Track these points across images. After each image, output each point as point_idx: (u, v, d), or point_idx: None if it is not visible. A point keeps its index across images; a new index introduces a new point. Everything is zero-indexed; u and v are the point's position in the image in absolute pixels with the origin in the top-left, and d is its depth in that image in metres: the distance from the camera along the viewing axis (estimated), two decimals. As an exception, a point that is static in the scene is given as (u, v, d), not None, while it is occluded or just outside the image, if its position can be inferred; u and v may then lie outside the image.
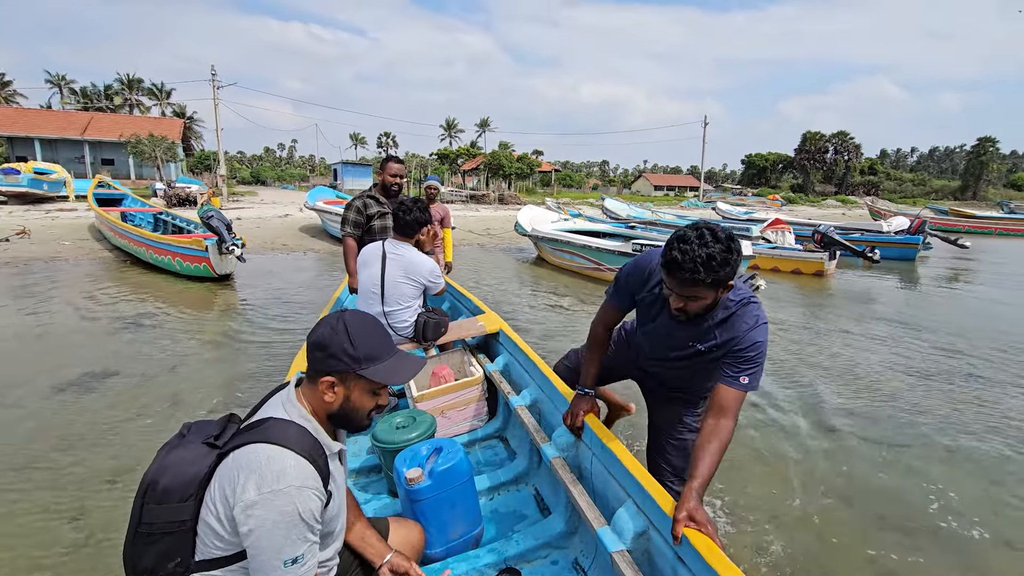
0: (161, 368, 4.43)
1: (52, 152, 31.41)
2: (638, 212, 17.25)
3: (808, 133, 61.34)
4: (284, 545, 1.04)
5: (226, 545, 1.09)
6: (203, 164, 39.87)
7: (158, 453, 1.16)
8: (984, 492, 2.85)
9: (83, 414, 3.50)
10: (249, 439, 1.09)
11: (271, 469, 1.05)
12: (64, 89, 53.70)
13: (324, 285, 8.26)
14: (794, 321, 6.75)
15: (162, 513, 1.09)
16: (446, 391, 2.68)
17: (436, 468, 1.82)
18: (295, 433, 1.11)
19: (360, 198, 3.65)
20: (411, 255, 2.87)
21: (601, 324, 1.90)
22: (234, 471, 1.07)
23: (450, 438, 2.08)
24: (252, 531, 1.03)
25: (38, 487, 2.66)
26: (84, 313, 6.13)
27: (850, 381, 4.49)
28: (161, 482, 1.10)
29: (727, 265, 1.38)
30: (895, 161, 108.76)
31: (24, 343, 5.02)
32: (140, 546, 1.10)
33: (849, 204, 44.17)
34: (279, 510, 1.03)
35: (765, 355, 1.51)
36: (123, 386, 4.01)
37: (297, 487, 1.05)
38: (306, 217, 15.79)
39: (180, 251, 7.88)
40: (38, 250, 10.13)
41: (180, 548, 1.10)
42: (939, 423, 3.66)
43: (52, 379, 4.08)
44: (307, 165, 78.13)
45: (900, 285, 9.76)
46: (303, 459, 1.08)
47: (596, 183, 72.89)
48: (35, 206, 16.01)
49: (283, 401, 1.18)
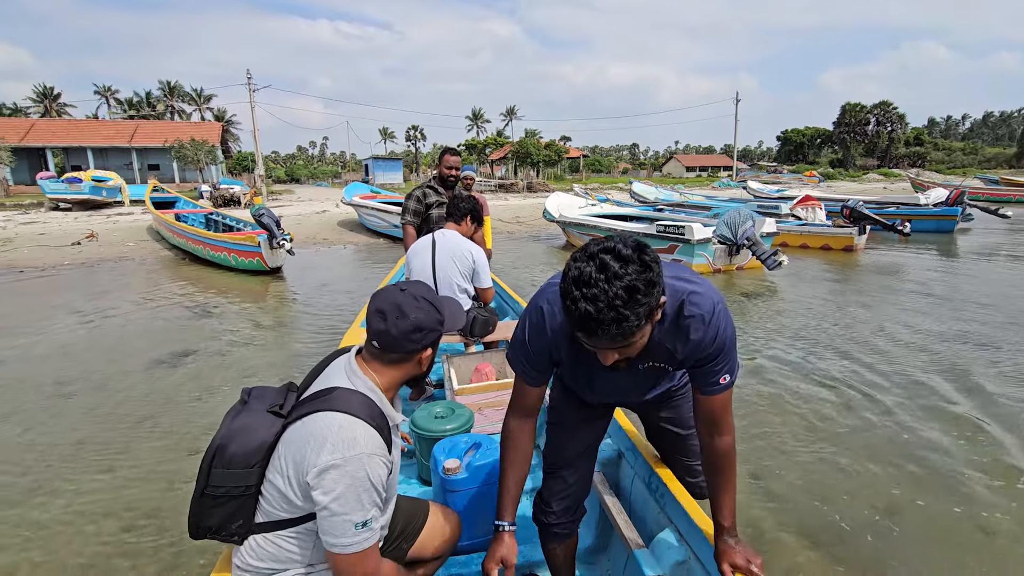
0: (231, 347, 5.02)
1: (103, 160, 33.18)
2: (666, 195, 17.28)
3: (848, 105, 58.93)
4: (355, 509, 1.07)
5: (293, 509, 1.14)
6: (241, 165, 41.51)
7: (224, 419, 1.21)
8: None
9: (174, 385, 4.09)
10: (318, 407, 1.13)
11: (343, 436, 1.08)
12: (111, 99, 56.61)
13: (364, 275, 8.85)
14: (816, 295, 6.90)
15: (228, 477, 1.14)
16: (486, 388, 2.72)
17: (473, 462, 1.84)
18: (363, 403, 1.15)
19: (420, 188, 3.80)
20: (458, 240, 2.96)
21: (518, 416, 1.41)
22: (306, 438, 1.10)
23: (488, 435, 2.05)
24: (325, 495, 1.05)
25: (150, 439, 3.22)
26: (159, 303, 6.86)
27: (865, 351, 4.70)
28: (229, 448, 1.14)
29: (652, 286, 0.98)
30: (945, 130, 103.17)
31: (116, 329, 5.71)
32: (206, 507, 1.15)
33: (892, 178, 42.46)
34: (352, 475, 1.06)
35: (734, 338, 1.23)
36: (203, 363, 4.60)
37: (368, 454, 1.08)
38: (343, 212, 16.49)
39: (235, 247, 8.59)
40: (107, 251, 11.09)
41: (243, 511, 1.16)
42: (929, 387, 3.87)
43: (146, 358, 4.73)
44: (338, 161, 79.89)
45: (931, 258, 9.64)
46: (371, 427, 1.12)
47: (626, 167, 72.02)
48: (96, 211, 17.26)
49: (347, 372, 1.21)
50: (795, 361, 4.42)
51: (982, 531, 2.32)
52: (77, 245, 11.42)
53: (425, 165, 51.14)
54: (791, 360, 4.44)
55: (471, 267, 2.93)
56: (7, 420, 3.57)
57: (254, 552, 1.17)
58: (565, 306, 1.01)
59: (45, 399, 3.90)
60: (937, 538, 2.29)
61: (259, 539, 1.17)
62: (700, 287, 1.21)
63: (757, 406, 3.59)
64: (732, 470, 1.31)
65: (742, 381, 3.98)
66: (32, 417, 3.61)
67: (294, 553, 1.17)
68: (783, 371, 4.20)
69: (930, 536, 2.31)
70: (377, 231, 13.59)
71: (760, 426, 3.31)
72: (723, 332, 1.20)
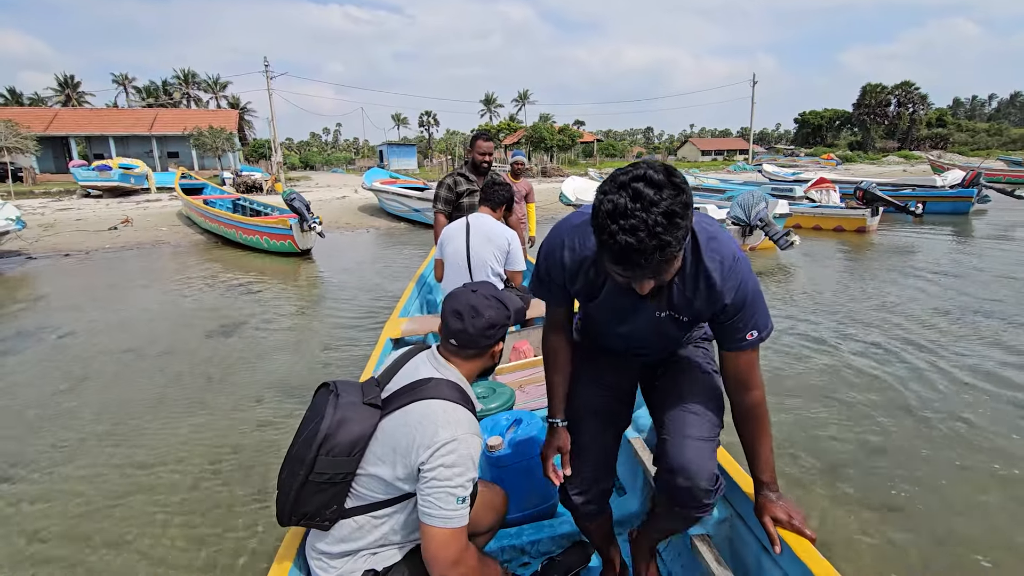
0: (276, 319, 5.47)
1: (124, 148, 33.73)
2: (680, 178, 17.39)
3: (868, 86, 57.65)
4: (459, 485, 1.14)
5: (391, 491, 1.22)
6: (258, 152, 42.07)
7: (327, 408, 1.23)
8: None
9: (233, 353, 4.52)
10: (418, 396, 1.22)
11: (450, 419, 1.17)
12: (128, 88, 57.46)
13: (388, 257, 9.25)
14: (826, 273, 7.14)
15: (333, 464, 1.19)
16: (525, 366, 2.75)
17: (516, 438, 1.89)
18: (457, 390, 1.25)
19: (451, 176, 3.72)
20: (492, 223, 2.99)
21: (552, 330, 1.47)
22: (415, 424, 1.17)
23: (529, 411, 2.08)
24: (436, 468, 1.13)
25: (221, 394, 3.65)
26: (205, 282, 7.35)
27: (867, 322, 4.98)
28: (336, 436, 1.20)
29: (687, 208, 0.95)
30: (970, 110, 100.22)
31: (168, 306, 6.18)
32: (308, 494, 1.20)
33: (912, 160, 41.75)
34: (459, 453, 1.14)
35: (758, 291, 1.19)
36: (253, 332, 5.04)
37: (472, 434, 1.18)
38: (362, 198, 16.89)
39: (267, 230, 9.03)
40: (142, 236, 11.62)
41: (339, 497, 1.23)
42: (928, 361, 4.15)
43: (202, 329, 5.20)
44: (352, 148, 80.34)
45: (943, 238, 9.77)
46: (468, 411, 1.23)
47: (640, 151, 71.45)
48: (125, 198, 17.87)
49: (434, 365, 1.31)
50: (805, 331, 4.72)
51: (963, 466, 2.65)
52: (114, 230, 11.98)
53: (438, 151, 51.35)
54: (801, 331, 4.74)
55: (506, 251, 2.96)
56: (89, 379, 4.02)
57: (335, 535, 1.24)
58: (602, 241, 0.96)
59: (119, 364, 4.36)
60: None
61: (343, 523, 1.24)
62: (720, 235, 1.18)
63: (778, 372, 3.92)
64: (764, 425, 1.28)
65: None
66: (112, 377, 4.07)
67: (373, 534, 1.25)
68: (795, 340, 4.51)
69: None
70: (398, 215, 13.98)
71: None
72: (745, 283, 1.16)
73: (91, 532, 2.33)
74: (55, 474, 2.78)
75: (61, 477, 2.75)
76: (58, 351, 4.69)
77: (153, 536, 2.30)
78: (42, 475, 2.77)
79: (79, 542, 2.27)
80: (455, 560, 1.15)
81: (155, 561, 2.14)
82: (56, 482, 2.71)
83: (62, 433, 3.20)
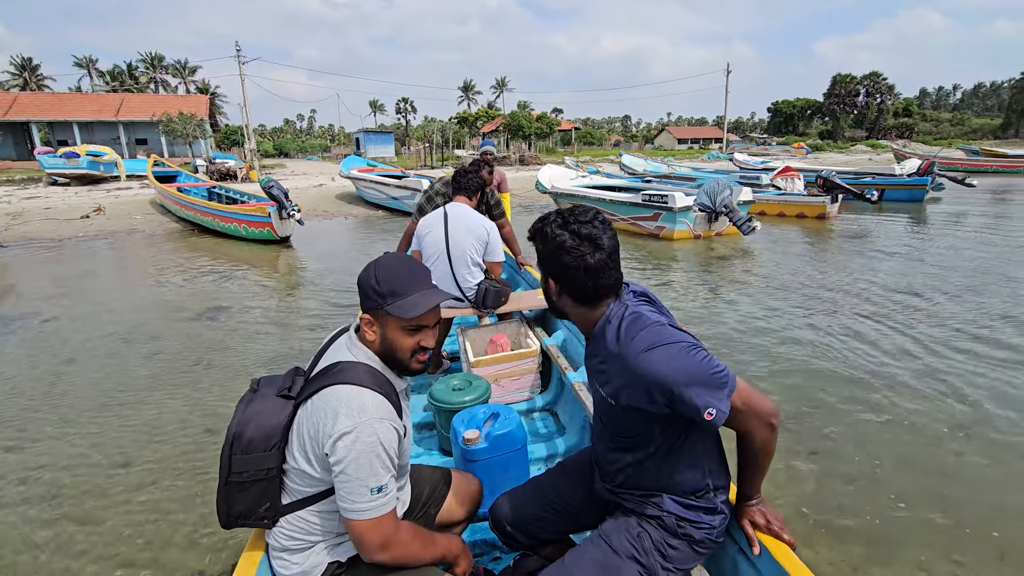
0: (257, 305, 5.63)
1: (89, 134, 32.54)
2: (654, 167, 17.79)
3: (838, 76, 59.00)
4: (369, 474, 1.10)
5: (314, 483, 1.19)
6: (230, 139, 41.14)
7: (237, 408, 1.24)
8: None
9: (218, 335, 4.69)
10: (325, 383, 1.16)
11: (352, 404, 1.11)
12: (92, 71, 55.36)
13: (367, 243, 9.39)
14: (785, 255, 7.57)
15: (250, 462, 1.18)
16: (502, 359, 2.75)
17: (493, 432, 1.87)
18: (366, 372, 1.18)
19: (437, 192, 3.64)
20: (471, 213, 2.98)
21: None
22: (319, 412, 1.13)
23: (505, 405, 2.10)
24: (340, 461, 1.09)
25: (209, 373, 3.84)
26: (186, 269, 7.42)
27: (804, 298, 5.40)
28: (246, 434, 1.18)
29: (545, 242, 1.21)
30: (936, 100, 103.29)
31: (150, 292, 6.27)
32: (232, 494, 1.20)
33: (878, 149, 43.04)
34: (364, 441, 1.09)
35: (695, 373, 1.07)
36: (237, 317, 5.20)
37: (378, 419, 1.12)
38: (339, 186, 16.86)
39: (246, 218, 9.08)
40: (116, 224, 11.50)
41: (269, 494, 1.20)
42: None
43: (186, 314, 5.32)
44: (327, 135, 79.00)
45: (896, 224, 10.33)
46: (379, 394, 1.15)
47: (618, 139, 71.92)
48: (94, 186, 17.47)
49: (348, 345, 1.25)
50: (759, 306, 5.09)
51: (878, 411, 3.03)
52: (86, 218, 11.82)
53: (416, 138, 50.93)
54: (754, 307, 5.11)
55: (486, 241, 2.95)
56: (76, 362, 4.16)
57: (285, 532, 1.23)
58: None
59: (108, 346, 4.49)
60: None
61: (289, 519, 1.22)
62: (654, 320, 1.15)
63: (736, 342, 4.27)
64: (768, 459, 1.20)
65: (714, 332, 4.64)
66: (103, 358, 4.21)
67: (322, 526, 1.23)
68: (744, 314, 4.88)
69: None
70: (376, 203, 14.05)
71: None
72: (663, 368, 1.06)
73: (86, 502, 2.54)
74: (54, 444, 2.96)
75: (60, 447, 2.94)
76: (44, 335, 4.79)
77: (134, 511, 2.51)
78: (41, 446, 2.96)
79: (71, 513, 2.48)
80: (380, 545, 1.14)
81: (130, 540, 2.25)
82: (55, 451, 2.90)
83: (60, 407, 3.37)
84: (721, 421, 1.09)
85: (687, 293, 5.88)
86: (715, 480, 1.26)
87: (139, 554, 2.16)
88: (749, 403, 1.11)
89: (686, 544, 1.24)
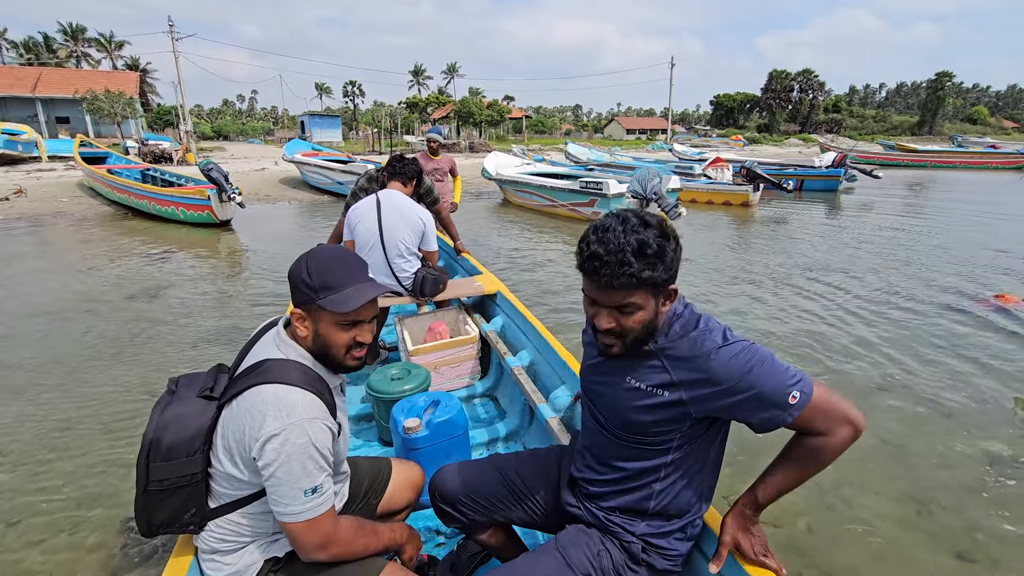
0: (199, 282, 5.71)
1: (2, 111, 30.00)
2: (597, 156, 18.45)
3: (774, 72, 62.03)
4: (302, 476, 1.05)
5: (243, 487, 1.13)
6: (163, 120, 38.92)
7: (152, 412, 1.16)
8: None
9: (157, 313, 4.77)
10: (252, 382, 1.09)
11: (280, 405, 1.05)
12: (2, 41, 50.69)
13: (311, 227, 9.44)
14: (711, 239, 8.27)
15: (171, 469, 1.11)
16: (441, 347, 2.73)
17: (433, 419, 1.86)
18: (296, 369, 1.12)
19: (358, 186, 3.51)
20: (405, 201, 2.92)
21: None
22: (244, 414, 1.07)
23: (446, 392, 2.07)
24: (270, 465, 1.04)
25: (149, 345, 3.98)
26: (122, 251, 7.30)
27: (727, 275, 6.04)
28: (164, 440, 1.11)
29: (664, 256, 1.00)
30: (864, 97, 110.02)
31: (83, 274, 6.17)
32: (153, 502, 1.13)
33: (809, 143, 45.75)
34: (293, 443, 1.04)
35: (770, 368, 1.02)
36: (174, 297, 5.28)
37: (308, 419, 1.06)
38: (283, 170, 16.53)
39: (184, 201, 8.93)
40: (40, 207, 10.94)
41: (193, 499, 1.14)
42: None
43: (122, 294, 5.35)
44: (270, 117, 75.81)
45: (811, 211, 11.37)
46: (309, 393, 1.10)
47: (569, 128, 72.86)
48: (11, 167, 16.33)
49: (276, 342, 1.18)
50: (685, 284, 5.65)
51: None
52: (6, 201, 11.16)
53: (364, 123, 49.82)
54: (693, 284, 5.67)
55: (421, 231, 2.92)
56: (15, 337, 4.19)
57: (215, 536, 1.17)
58: (579, 248, 1.04)
59: (44, 324, 4.51)
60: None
61: (219, 522, 1.16)
62: (725, 331, 1.09)
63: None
64: (814, 468, 1.07)
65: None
66: (41, 335, 4.25)
67: (255, 527, 1.18)
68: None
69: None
70: (321, 188, 13.94)
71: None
72: (747, 363, 1.02)
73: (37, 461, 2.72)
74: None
75: (8, 413, 3.06)
76: (-29, 316, 4.73)
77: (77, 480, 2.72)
78: (-14, 414, 3.07)
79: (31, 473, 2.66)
80: (320, 545, 1.11)
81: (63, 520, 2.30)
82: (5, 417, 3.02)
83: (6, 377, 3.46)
84: (804, 404, 1.01)
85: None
86: (703, 503, 1.21)
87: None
88: (829, 401, 1.04)
89: (645, 571, 1.18)
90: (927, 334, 4.23)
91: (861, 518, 2.27)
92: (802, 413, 1.02)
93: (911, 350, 3.93)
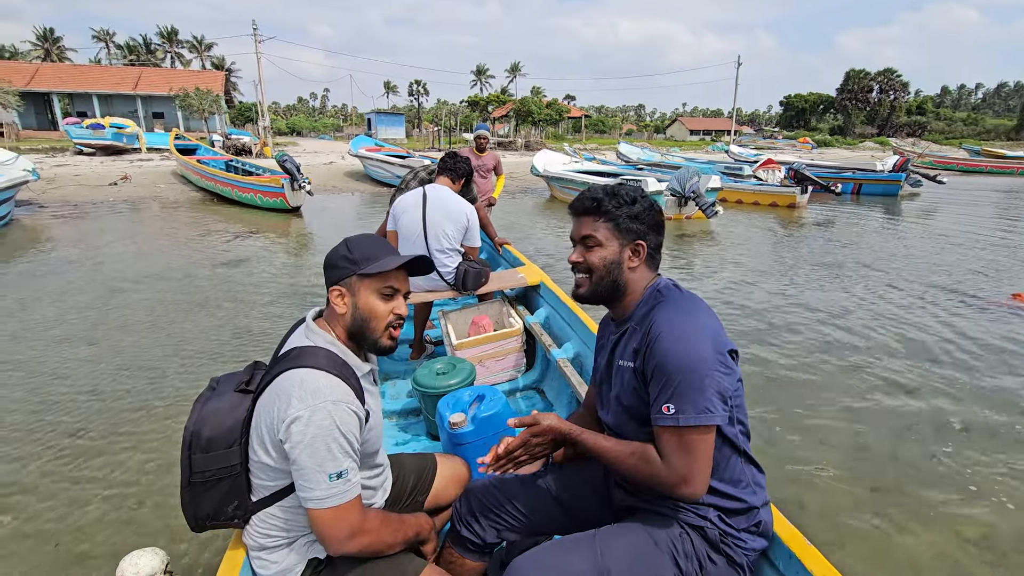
0: (271, 258, 6.61)
1: (108, 107, 33.25)
2: (648, 155, 18.58)
3: (852, 71, 58.67)
4: (326, 459, 1.05)
5: (277, 476, 1.14)
6: (244, 116, 42.01)
7: (194, 407, 1.20)
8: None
9: (240, 278, 5.66)
10: (281, 368, 1.11)
11: (306, 388, 1.06)
12: (110, 44, 56.32)
13: (369, 215, 10.33)
14: (747, 237, 8.42)
15: (211, 461, 1.15)
16: (485, 340, 2.70)
17: (479, 414, 1.85)
18: (323, 355, 1.13)
19: (403, 181, 3.58)
20: (451, 196, 2.92)
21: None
22: (272, 399, 1.09)
23: (490, 386, 2.03)
24: (294, 447, 1.04)
25: (233, 303, 4.81)
26: (209, 231, 8.43)
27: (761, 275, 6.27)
28: (204, 433, 1.16)
29: (632, 203, 1.12)
30: (957, 99, 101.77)
31: (179, 245, 7.26)
32: (197, 494, 1.17)
33: (886, 147, 43.14)
34: (317, 424, 1.04)
35: (700, 369, 1.01)
36: (252, 267, 6.19)
37: (332, 401, 1.06)
38: (348, 164, 17.76)
39: (261, 188, 10.04)
40: (142, 192, 12.51)
41: (236, 491, 1.17)
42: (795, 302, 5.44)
43: (209, 264, 6.33)
44: (340, 114, 79.64)
45: (863, 215, 11.11)
46: (335, 377, 1.10)
47: (631, 128, 71.98)
48: (117, 157, 18.50)
49: (305, 332, 1.21)
50: (720, 275, 5.98)
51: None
52: (114, 185, 12.83)
53: (428, 120, 51.56)
54: (715, 276, 6.00)
55: (465, 226, 2.92)
56: (126, 292, 5.14)
57: (260, 530, 1.18)
58: (571, 204, 1.23)
59: (148, 283, 5.48)
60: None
61: (262, 515, 1.18)
62: (687, 300, 1.12)
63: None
64: (633, 466, 1.08)
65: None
66: (147, 291, 5.19)
67: (297, 521, 1.18)
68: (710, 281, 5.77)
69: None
70: (381, 181, 14.96)
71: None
72: (674, 346, 1.02)
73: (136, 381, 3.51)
74: (121, 343, 3.94)
75: (125, 345, 3.91)
76: (96, 272, 5.79)
77: (201, 373, 3.48)
78: (114, 343, 3.93)
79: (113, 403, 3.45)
80: (347, 536, 1.09)
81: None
82: (122, 350, 3.87)
83: (123, 315, 4.36)
84: (672, 424, 1.01)
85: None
86: (754, 484, 1.16)
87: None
88: (694, 451, 1.02)
89: (724, 562, 1.11)
90: (935, 335, 4.38)
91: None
92: (666, 428, 1.02)
93: (924, 353, 4.12)
